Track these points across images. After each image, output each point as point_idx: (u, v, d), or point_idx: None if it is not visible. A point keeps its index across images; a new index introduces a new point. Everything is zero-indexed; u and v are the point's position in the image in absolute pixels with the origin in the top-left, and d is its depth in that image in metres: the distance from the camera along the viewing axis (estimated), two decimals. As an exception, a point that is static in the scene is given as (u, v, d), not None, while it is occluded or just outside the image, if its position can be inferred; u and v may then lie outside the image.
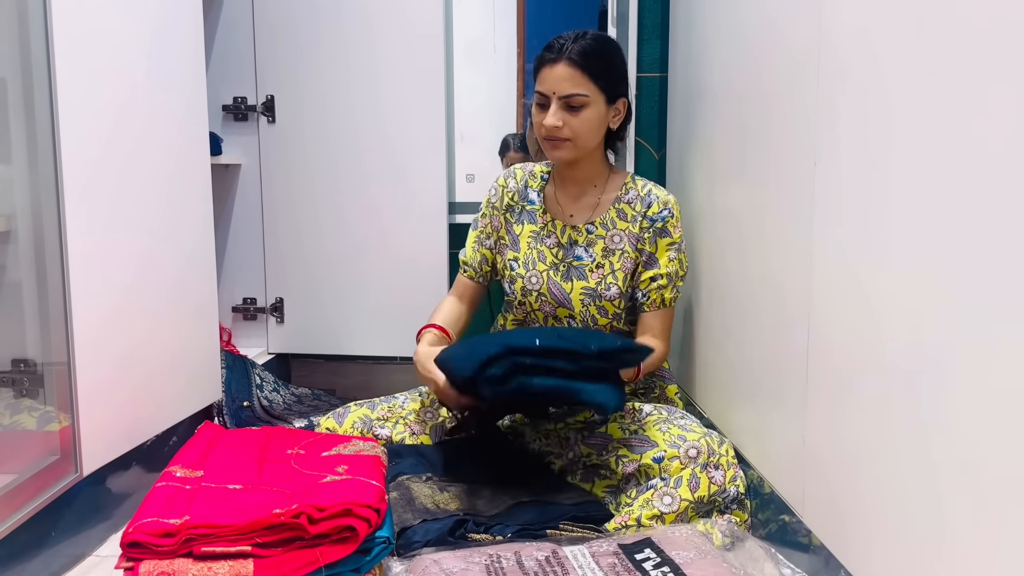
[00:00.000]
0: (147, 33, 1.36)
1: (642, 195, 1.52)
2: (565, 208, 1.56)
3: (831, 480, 0.99)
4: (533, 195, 1.59)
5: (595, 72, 1.42)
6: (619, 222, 1.52)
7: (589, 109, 1.43)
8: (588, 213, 1.55)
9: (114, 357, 1.26)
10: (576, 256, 1.53)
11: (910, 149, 0.79)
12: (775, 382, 1.18)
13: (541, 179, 1.60)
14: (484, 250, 1.61)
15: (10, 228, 1.14)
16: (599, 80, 1.43)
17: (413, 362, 1.46)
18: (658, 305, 1.51)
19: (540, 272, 1.54)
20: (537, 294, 1.54)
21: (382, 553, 1.01)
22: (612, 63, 1.46)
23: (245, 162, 2.07)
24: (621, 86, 1.49)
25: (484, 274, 1.62)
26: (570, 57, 1.41)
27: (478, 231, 1.62)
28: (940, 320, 0.74)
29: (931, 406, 0.75)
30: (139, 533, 0.97)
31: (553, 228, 1.55)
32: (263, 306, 2.12)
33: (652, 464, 1.26)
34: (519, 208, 1.59)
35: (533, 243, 1.56)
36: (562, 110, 1.42)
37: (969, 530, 0.70)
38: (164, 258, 1.42)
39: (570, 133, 1.44)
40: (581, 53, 1.41)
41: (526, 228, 1.58)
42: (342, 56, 1.99)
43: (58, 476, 1.14)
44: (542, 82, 1.44)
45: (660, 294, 1.50)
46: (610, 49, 1.47)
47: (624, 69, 1.50)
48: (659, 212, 1.50)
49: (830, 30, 0.98)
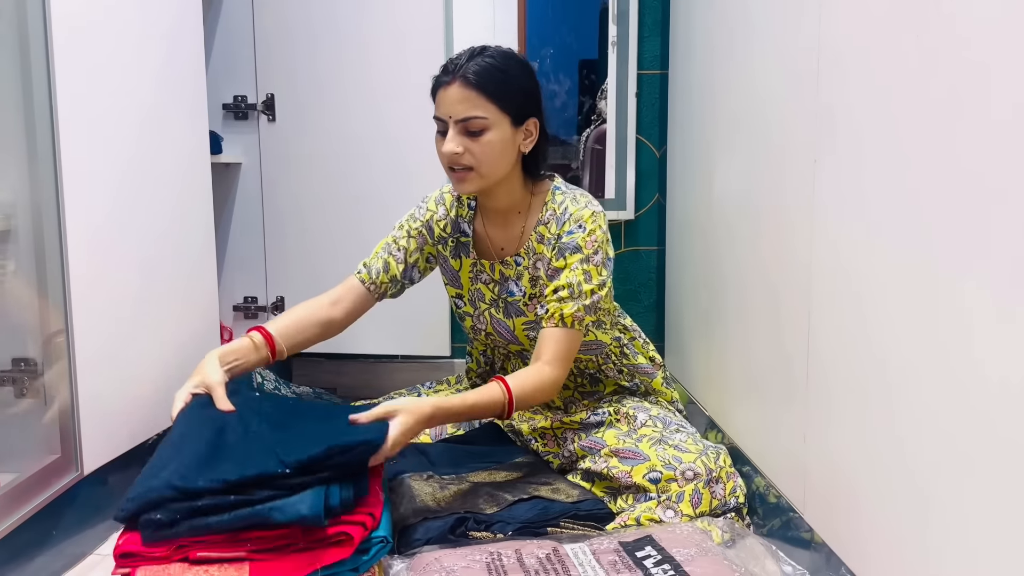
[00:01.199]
0: (148, 32, 1.36)
1: (558, 214, 1.38)
2: (496, 240, 1.45)
3: (832, 477, 0.98)
4: (465, 226, 1.47)
5: (494, 92, 1.27)
6: (538, 247, 1.40)
7: (491, 133, 1.28)
8: (515, 244, 1.43)
9: (114, 356, 1.26)
10: (509, 292, 1.44)
11: (910, 147, 0.79)
12: (776, 380, 1.18)
13: (469, 208, 1.48)
14: (390, 258, 1.44)
15: (10, 227, 1.14)
16: (500, 100, 1.28)
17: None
18: (556, 322, 1.31)
19: (483, 311, 1.48)
20: (486, 333, 1.50)
21: (380, 552, 1.01)
22: (514, 80, 1.30)
23: (245, 161, 2.07)
24: (529, 105, 1.33)
25: (379, 284, 1.43)
26: (464, 76, 1.27)
27: (389, 240, 1.46)
28: (939, 318, 0.74)
29: (931, 404, 0.75)
30: (130, 544, 0.97)
31: (482, 267, 1.46)
32: (264, 305, 2.12)
33: (648, 484, 1.23)
34: (453, 241, 1.48)
35: (473, 280, 1.48)
36: (461, 135, 1.28)
37: (969, 527, 0.70)
38: (165, 256, 1.42)
39: (472, 161, 1.29)
40: (477, 72, 1.27)
41: (464, 263, 1.48)
42: (342, 54, 1.99)
43: (59, 475, 1.15)
44: (438, 106, 1.30)
45: (559, 308, 1.31)
46: (511, 65, 1.31)
47: (531, 86, 1.34)
48: (568, 229, 1.35)
49: (830, 27, 0.97)
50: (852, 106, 0.91)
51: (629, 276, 2.13)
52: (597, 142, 2.10)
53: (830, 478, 0.99)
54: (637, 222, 2.12)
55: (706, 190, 1.61)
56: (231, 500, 0.95)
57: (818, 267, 1.01)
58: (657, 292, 2.13)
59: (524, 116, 1.33)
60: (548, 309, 1.33)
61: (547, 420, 1.47)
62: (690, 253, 1.64)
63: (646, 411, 1.42)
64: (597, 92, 2.10)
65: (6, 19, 1.10)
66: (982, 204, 0.67)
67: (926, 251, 0.76)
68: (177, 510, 0.94)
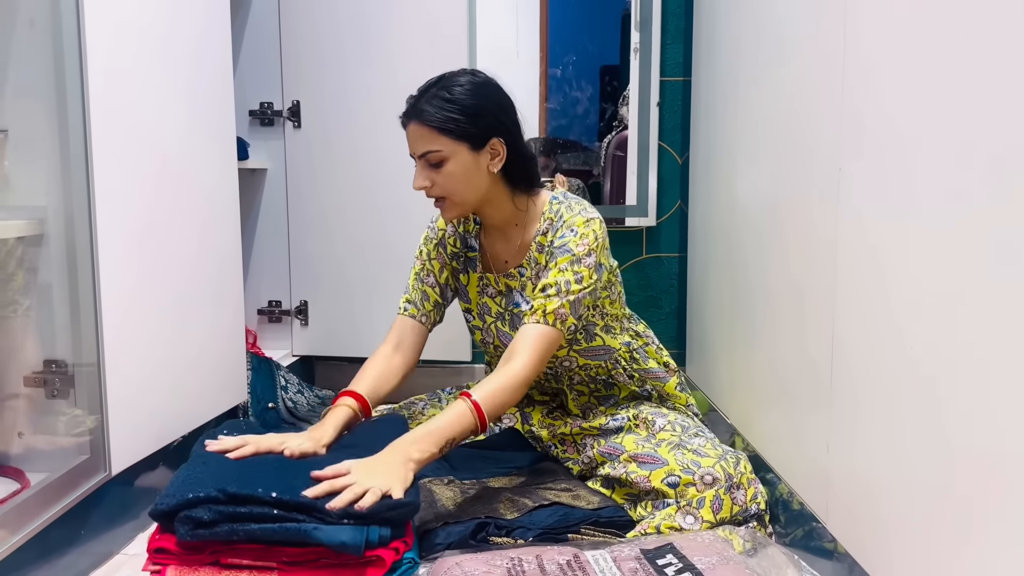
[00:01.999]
0: (178, 41, 1.38)
1: (555, 222, 1.40)
2: (499, 254, 1.48)
3: (855, 486, 0.98)
4: (472, 240, 1.51)
5: (443, 125, 1.30)
6: (538, 256, 1.41)
7: (450, 163, 1.32)
8: (517, 256, 1.46)
9: (143, 358, 1.28)
10: (515, 303, 1.46)
11: (936, 153, 0.78)
12: (799, 388, 1.17)
13: (475, 223, 1.52)
14: (425, 288, 1.49)
15: (43, 231, 1.16)
16: (450, 132, 1.30)
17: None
18: (539, 318, 1.31)
19: (490, 324, 1.50)
20: (494, 346, 1.51)
21: (409, 572, 1.03)
22: (468, 109, 1.31)
23: (271, 166, 2.10)
24: (488, 128, 1.33)
25: (427, 313, 1.48)
26: (415, 116, 1.32)
27: (417, 269, 1.51)
28: (966, 324, 0.73)
29: (957, 412, 0.75)
30: (165, 542, 0.99)
31: (488, 280, 1.49)
32: (288, 308, 2.14)
33: (667, 488, 1.24)
34: (463, 256, 1.52)
35: (480, 294, 1.51)
36: (426, 168, 1.34)
37: (996, 538, 0.69)
38: (192, 261, 1.44)
39: (441, 191, 1.34)
40: (426, 109, 1.31)
41: (472, 277, 1.51)
42: (366, 61, 2.01)
43: (88, 475, 1.16)
44: (408, 143, 1.36)
45: (544, 304, 1.31)
46: (462, 93, 1.32)
47: (489, 107, 1.34)
48: (561, 234, 1.37)
49: (855, 34, 0.97)
50: (878, 112, 0.91)
51: (650, 283, 2.13)
52: (618, 148, 2.11)
53: (854, 487, 0.98)
54: (659, 228, 2.12)
55: (730, 196, 1.61)
56: (274, 514, 0.98)
57: (843, 275, 1.01)
58: (679, 299, 2.13)
59: (484, 139, 1.33)
60: (532, 305, 1.33)
61: (567, 426, 1.47)
62: (713, 260, 1.64)
63: (664, 416, 1.42)
64: (619, 98, 2.10)
65: (41, 26, 1.13)
66: (1009, 209, 0.67)
67: (952, 256, 0.75)
68: (220, 511, 0.97)
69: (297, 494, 1.00)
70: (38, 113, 1.14)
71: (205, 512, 0.96)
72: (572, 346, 1.47)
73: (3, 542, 0.99)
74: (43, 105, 1.14)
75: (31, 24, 1.14)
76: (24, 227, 1.14)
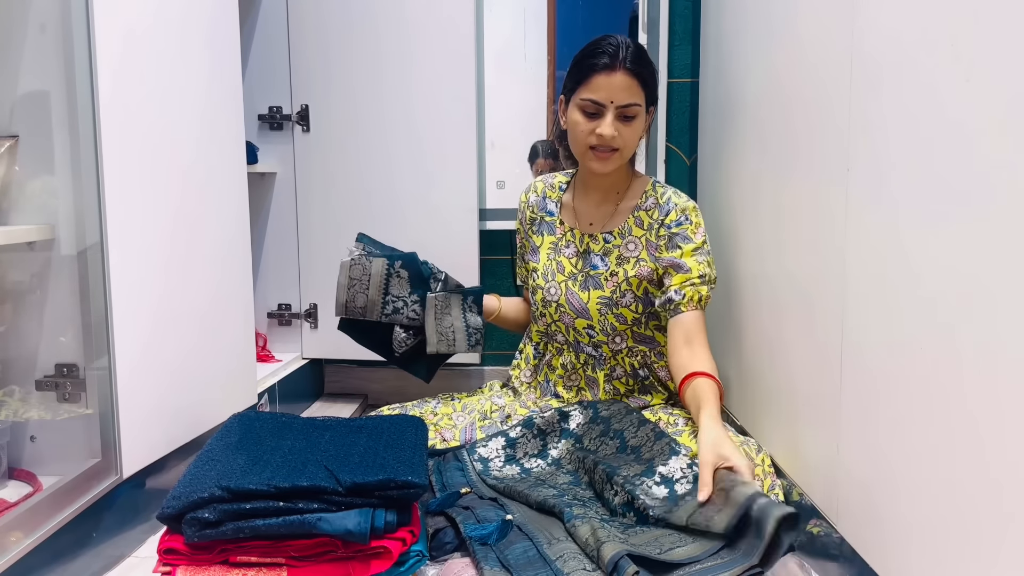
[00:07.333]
0: (187, 45, 1.39)
1: (661, 202, 1.49)
2: (584, 216, 1.55)
3: (866, 489, 0.97)
4: (552, 205, 1.59)
5: (647, 81, 1.40)
6: (636, 229, 1.50)
7: (638, 120, 1.42)
8: (606, 221, 1.53)
9: (153, 361, 1.29)
10: (592, 265, 1.52)
11: (944, 155, 0.78)
12: (808, 390, 1.17)
13: (559, 189, 1.60)
14: (519, 266, 1.66)
15: (54, 235, 1.17)
16: (648, 89, 1.42)
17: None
18: (695, 305, 1.43)
19: (559, 283, 1.53)
20: (556, 305, 1.54)
21: (416, 565, 1.02)
22: (655, 73, 1.45)
23: (280, 170, 2.10)
24: (655, 97, 1.48)
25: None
26: (628, 66, 1.37)
27: (517, 252, 1.67)
28: (975, 326, 0.73)
29: (968, 413, 0.74)
30: (174, 543, 0.99)
31: (572, 238, 1.55)
32: (298, 311, 2.15)
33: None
34: (539, 219, 1.61)
35: (552, 254, 1.56)
36: (617, 120, 1.40)
37: (1008, 541, 0.69)
38: (202, 264, 1.45)
39: (621, 144, 1.42)
40: (636, 62, 1.38)
41: (546, 239, 1.58)
42: (374, 66, 2.01)
43: (99, 478, 1.17)
44: (596, 90, 1.39)
45: (697, 291, 1.43)
46: (650, 59, 1.45)
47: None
48: (676, 219, 1.47)
49: (863, 36, 0.97)
50: (886, 114, 0.91)
51: (659, 284, 2.12)
52: (627, 150, 2.10)
53: (864, 490, 0.98)
54: (667, 230, 2.11)
55: (737, 198, 1.60)
56: (279, 506, 0.98)
57: (851, 276, 1.00)
58: (688, 300, 2.12)
59: (653, 104, 1.47)
60: (685, 294, 1.42)
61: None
62: (720, 261, 1.63)
63: (687, 419, 1.43)
64: (627, 100, 2.09)
65: (52, 32, 1.14)
66: (1017, 212, 0.66)
67: (961, 256, 0.75)
68: (224, 510, 0.97)
69: (310, 478, 0.99)
70: (49, 118, 1.15)
71: (210, 512, 0.97)
72: (634, 326, 1.50)
73: (16, 545, 1.00)
74: (54, 110, 1.15)
75: (42, 30, 1.14)
76: (35, 232, 1.15)
